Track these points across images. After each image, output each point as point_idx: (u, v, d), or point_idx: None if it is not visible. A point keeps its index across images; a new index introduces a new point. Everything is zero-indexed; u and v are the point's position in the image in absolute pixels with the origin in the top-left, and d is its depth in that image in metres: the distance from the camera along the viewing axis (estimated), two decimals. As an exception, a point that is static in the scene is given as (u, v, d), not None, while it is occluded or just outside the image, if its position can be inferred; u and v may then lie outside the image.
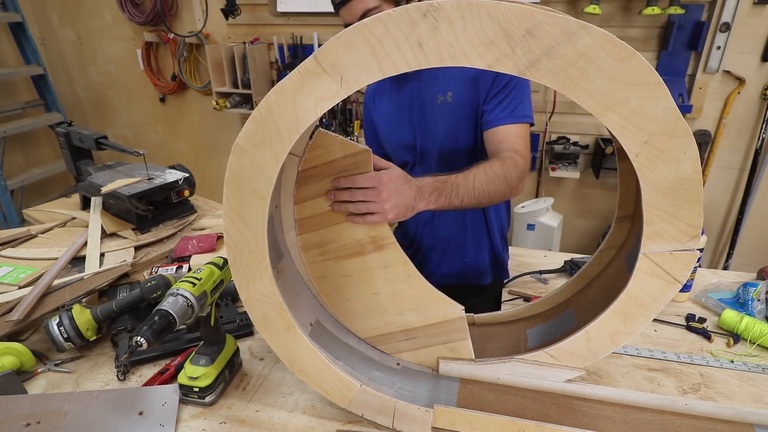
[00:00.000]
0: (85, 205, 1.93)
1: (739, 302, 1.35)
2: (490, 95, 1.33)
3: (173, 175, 1.84)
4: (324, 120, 3.30)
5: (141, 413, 0.99)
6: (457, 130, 1.41)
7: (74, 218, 1.86)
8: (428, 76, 1.40)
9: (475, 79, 1.34)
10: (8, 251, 1.58)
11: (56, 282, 1.37)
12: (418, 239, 1.62)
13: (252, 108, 3.46)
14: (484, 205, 1.18)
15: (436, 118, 1.41)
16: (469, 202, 1.11)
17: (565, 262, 1.59)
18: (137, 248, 1.64)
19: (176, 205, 1.89)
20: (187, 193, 1.87)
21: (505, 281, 1.59)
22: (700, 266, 1.34)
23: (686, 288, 1.40)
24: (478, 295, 1.60)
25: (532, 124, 1.37)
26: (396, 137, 1.53)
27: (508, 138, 1.30)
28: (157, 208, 1.83)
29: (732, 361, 1.17)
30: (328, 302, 1.07)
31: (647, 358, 1.18)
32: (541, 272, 1.57)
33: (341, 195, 0.97)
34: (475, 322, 1.20)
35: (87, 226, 1.73)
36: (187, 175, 1.88)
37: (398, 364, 1.09)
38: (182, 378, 1.02)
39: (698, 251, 0.78)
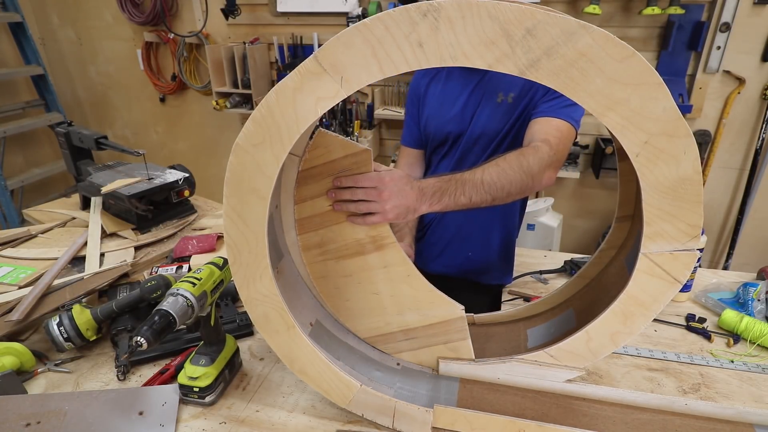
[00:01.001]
0: (85, 205, 1.93)
1: (740, 302, 1.35)
2: (546, 95, 1.31)
3: (173, 175, 1.84)
4: (324, 120, 3.30)
5: (141, 413, 0.99)
6: (513, 131, 1.39)
7: (74, 218, 1.86)
8: (495, 72, 1.37)
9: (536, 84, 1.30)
10: (8, 251, 1.58)
11: (56, 282, 1.37)
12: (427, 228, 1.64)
13: (252, 108, 3.46)
14: (501, 201, 1.09)
15: (491, 116, 1.39)
16: (480, 198, 1.06)
17: (565, 262, 1.60)
18: (137, 248, 1.64)
19: (176, 205, 1.89)
20: (187, 193, 1.87)
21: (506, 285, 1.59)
22: (700, 266, 1.34)
23: (686, 288, 1.40)
24: (476, 292, 1.61)
25: (576, 129, 1.30)
26: (442, 121, 1.50)
27: (544, 128, 1.24)
28: (157, 208, 1.83)
29: (732, 361, 1.17)
30: (329, 302, 1.07)
31: (647, 358, 1.18)
32: (541, 272, 1.57)
33: (342, 194, 0.96)
34: (475, 322, 1.20)
35: (87, 226, 1.73)
36: (187, 175, 1.88)
37: (398, 364, 1.09)
38: (182, 378, 1.02)
39: (698, 251, 0.78)
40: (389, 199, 0.95)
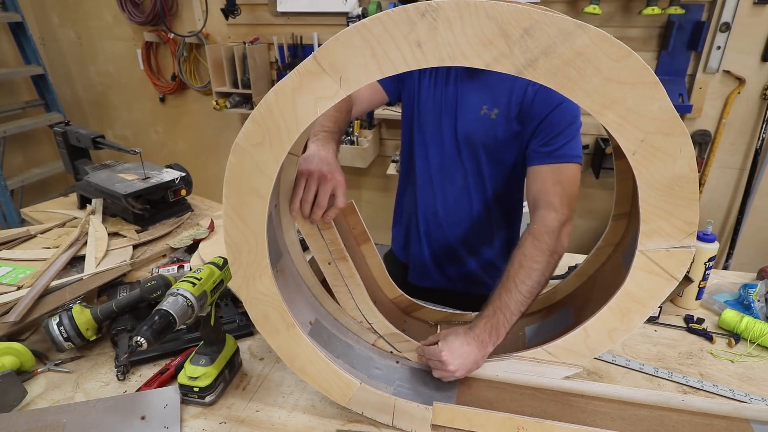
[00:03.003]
0: (83, 204, 1.94)
1: (744, 304, 1.36)
2: (541, 133, 1.24)
3: (170, 174, 1.85)
4: (324, 120, 3.30)
5: (143, 418, 0.98)
6: (496, 148, 1.35)
7: (75, 218, 1.87)
8: (481, 82, 1.30)
9: (527, 107, 1.24)
10: (7, 251, 1.58)
11: (55, 282, 1.37)
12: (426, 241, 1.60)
13: (252, 108, 3.46)
14: (542, 289, 1.08)
15: (475, 127, 1.34)
16: (527, 305, 1.05)
17: (570, 268, 1.59)
18: (134, 247, 1.64)
19: (173, 204, 1.90)
20: (184, 192, 1.88)
21: None
22: (712, 269, 1.34)
23: (698, 295, 1.38)
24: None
25: (580, 163, 1.22)
26: (414, 122, 1.46)
27: (546, 185, 1.20)
28: (154, 207, 1.83)
29: (732, 362, 1.17)
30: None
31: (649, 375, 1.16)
32: None
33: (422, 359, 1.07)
34: (474, 321, 1.20)
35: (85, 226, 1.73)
36: (183, 174, 1.88)
37: (397, 362, 1.10)
38: (182, 378, 1.02)
39: (710, 259, 0.76)
40: (457, 370, 0.99)
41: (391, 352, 1.12)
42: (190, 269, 1.50)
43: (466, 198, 1.44)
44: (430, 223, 1.53)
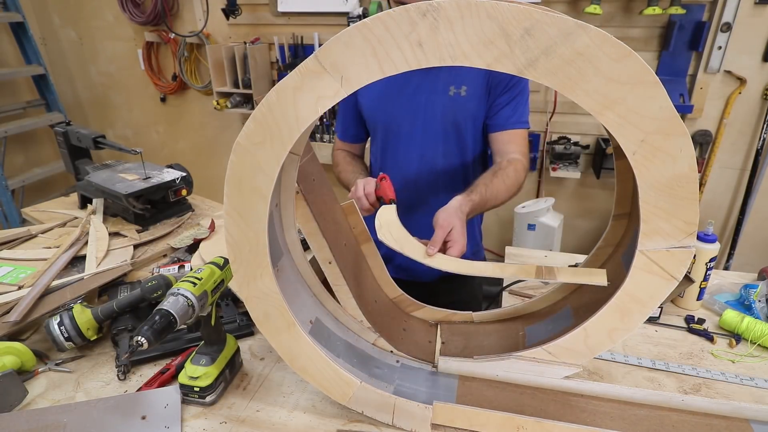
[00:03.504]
0: (83, 204, 1.94)
1: (745, 305, 1.35)
2: (500, 96, 1.44)
3: (170, 174, 1.85)
4: (324, 120, 3.31)
5: (144, 418, 0.98)
6: (464, 123, 1.47)
7: (75, 218, 1.87)
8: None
9: (490, 79, 1.43)
10: (8, 251, 1.58)
11: (56, 282, 1.37)
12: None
13: (253, 108, 3.46)
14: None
15: (445, 109, 1.45)
16: (491, 208, 1.33)
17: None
18: (135, 247, 1.65)
19: (173, 204, 1.90)
20: (184, 192, 1.88)
21: (504, 285, 1.59)
22: (713, 269, 1.34)
23: (699, 296, 1.38)
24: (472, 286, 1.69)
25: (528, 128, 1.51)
26: (385, 114, 1.54)
27: (516, 140, 1.46)
28: (155, 207, 1.83)
29: (733, 362, 1.17)
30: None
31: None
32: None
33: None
34: (474, 320, 1.21)
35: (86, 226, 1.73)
36: (184, 174, 1.89)
37: (397, 361, 1.10)
38: (183, 378, 1.02)
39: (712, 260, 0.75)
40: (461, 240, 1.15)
41: (391, 351, 1.12)
42: (191, 269, 1.51)
43: (449, 176, 1.55)
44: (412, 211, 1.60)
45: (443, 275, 1.64)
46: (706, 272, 1.32)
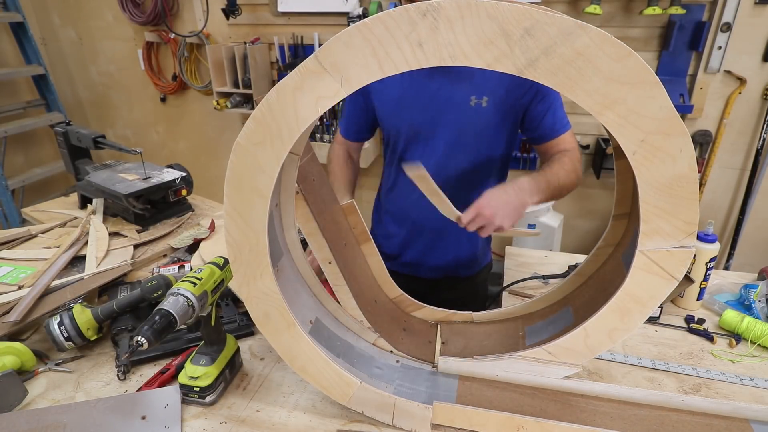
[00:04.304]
0: (83, 204, 1.94)
1: (745, 305, 1.35)
2: (537, 106, 1.40)
3: (170, 174, 1.85)
4: (325, 120, 3.31)
5: (144, 418, 0.98)
6: (485, 133, 1.44)
7: (76, 218, 1.87)
8: (461, 74, 1.38)
9: (514, 87, 1.37)
10: (8, 251, 1.58)
11: (56, 282, 1.37)
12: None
13: (253, 108, 3.46)
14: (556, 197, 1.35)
15: (465, 118, 1.41)
16: (553, 195, 1.29)
17: (570, 268, 1.59)
18: (135, 247, 1.65)
19: (173, 204, 1.90)
20: (184, 192, 1.88)
21: (505, 286, 1.59)
22: (712, 269, 1.34)
23: (699, 296, 1.38)
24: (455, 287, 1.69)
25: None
26: (401, 121, 1.51)
27: (567, 139, 1.44)
28: (155, 207, 1.83)
29: (733, 362, 1.17)
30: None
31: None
32: (544, 277, 1.57)
33: (470, 227, 1.15)
34: (474, 320, 1.21)
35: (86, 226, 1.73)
36: (184, 174, 1.89)
37: (397, 361, 1.10)
38: (183, 378, 1.02)
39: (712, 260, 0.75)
40: (495, 215, 1.12)
41: (392, 351, 1.12)
42: (191, 269, 1.51)
43: (466, 186, 1.50)
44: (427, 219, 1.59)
45: (448, 273, 1.65)
46: (706, 272, 1.32)
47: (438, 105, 1.43)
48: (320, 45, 1.64)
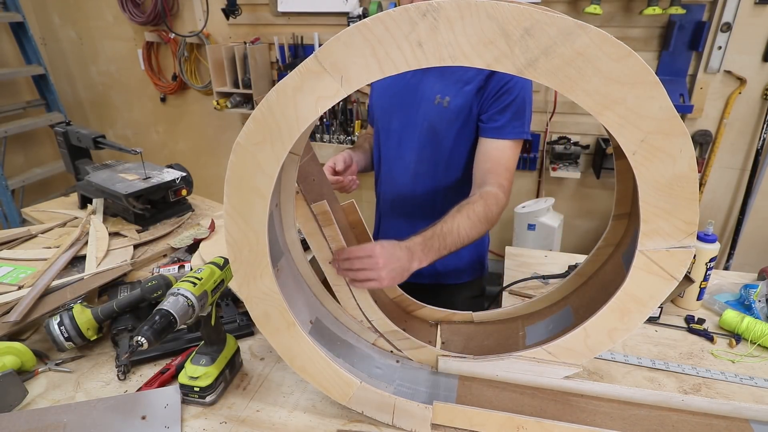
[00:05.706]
0: (83, 204, 1.94)
1: (745, 305, 1.35)
2: (492, 104, 1.35)
3: (170, 174, 1.85)
4: (325, 120, 3.31)
5: (144, 418, 0.98)
6: (444, 134, 1.44)
7: (76, 218, 1.87)
8: (433, 72, 1.42)
9: (485, 93, 1.35)
10: (8, 251, 1.58)
11: (56, 282, 1.37)
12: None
13: (253, 108, 3.46)
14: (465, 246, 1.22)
15: (427, 116, 1.44)
16: (455, 247, 1.17)
17: (570, 267, 1.59)
18: (135, 247, 1.65)
19: (173, 204, 1.90)
20: (184, 192, 1.88)
21: (505, 286, 1.59)
22: (712, 269, 1.34)
23: (700, 296, 1.38)
24: (454, 293, 1.66)
25: (528, 140, 1.42)
26: (380, 110, 1.56)
27: (497, 160, 1.34)
28: (155, 207, 1.84)
29: (733, 362, 1.17)
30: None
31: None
32: (544, 277, 1.57)
33: (343, 265, 1.06)
34: (474, 320, 1.21)
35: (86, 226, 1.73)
36: (184, 174, 1.89)
37: (397, 361, 1.10)
38: (183, 378, 1.02)
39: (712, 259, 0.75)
40: (384, 266, 1.03)
41: (392, 351, 1.12)
42: (191, 269, 1.51)
43: (437, 181, 1.51)
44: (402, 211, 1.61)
45: (432, 280, 1.64)
46: (706, 272, 1.32)
47: (408, 96, 1.47)
48: (320, 45, 1.64)
